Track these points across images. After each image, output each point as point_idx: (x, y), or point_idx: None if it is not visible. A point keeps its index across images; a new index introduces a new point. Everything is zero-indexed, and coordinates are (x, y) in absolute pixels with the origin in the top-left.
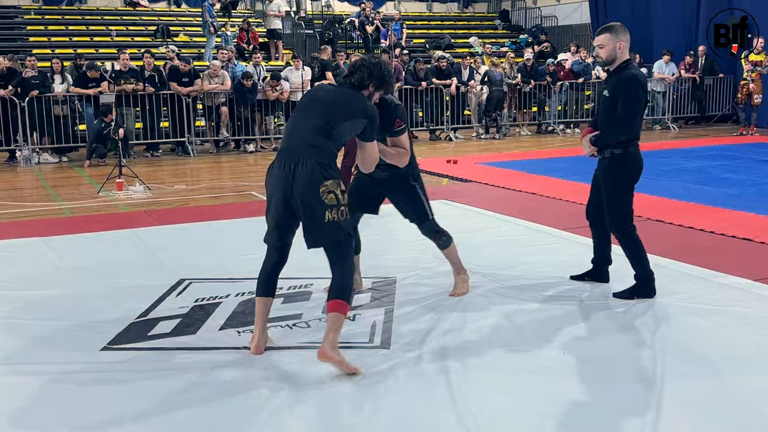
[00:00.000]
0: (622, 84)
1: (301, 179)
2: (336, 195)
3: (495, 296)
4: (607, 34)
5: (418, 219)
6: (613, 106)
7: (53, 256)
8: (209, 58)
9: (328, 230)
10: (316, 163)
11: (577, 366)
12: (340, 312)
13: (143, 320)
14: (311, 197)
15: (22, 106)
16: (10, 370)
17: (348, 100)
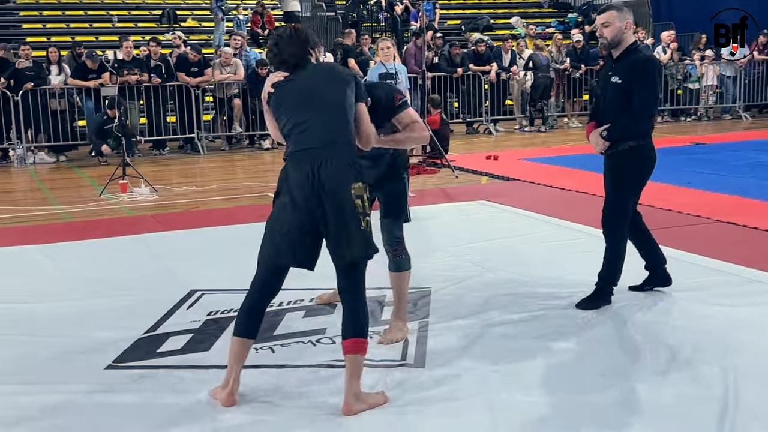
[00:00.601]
0: (639, 68)
1: (331, 181)
2: (363, 201)
3: (542, 311)
4: (613, 12)
5: (395, 216)
6: (626, 93)
7: (51, 266)
8: (220, 45)
9: (362, 240)
10: (345, 163)
11: (623, 394)
12: (360, 353)
13: (151, 336)
14: (341, 199)
15: (16, 100)
16: (2, 390)
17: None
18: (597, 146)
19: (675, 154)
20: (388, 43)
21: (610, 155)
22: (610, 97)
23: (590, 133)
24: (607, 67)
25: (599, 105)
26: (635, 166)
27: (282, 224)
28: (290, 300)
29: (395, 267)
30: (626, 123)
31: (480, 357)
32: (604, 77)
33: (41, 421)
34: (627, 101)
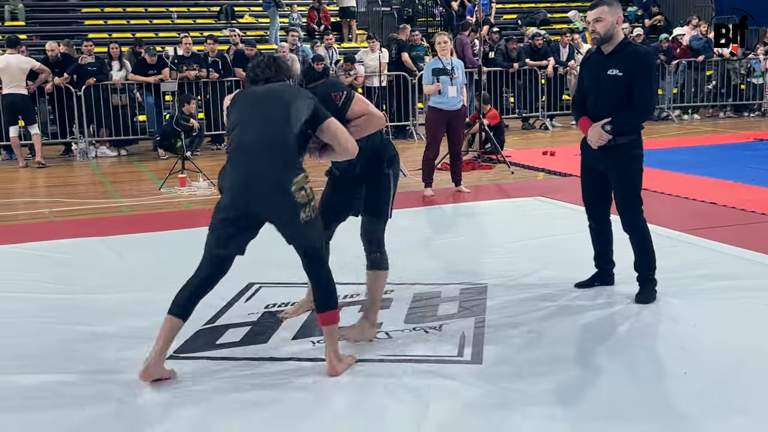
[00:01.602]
0: (641, 62)
1: (265, 178)
2: (306, 191)
3: (599, 310)
4: (605, 7)
5: (372, 213)
6: (625, 86)
7: (112, 258)
8: (275, 40)
9: (306, 229)
10: (279, 160)
11: (698, 392)
12: (331, 323)
13: (211, 327)
14: (284, 198)
15: (79, 95)
16: (66, 379)
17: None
18: (599, 140)
19: (739, 150)
20: (445, 38)
21: (608, 149)
22: (608, 90)
23: (588, 127)
24: (598, 61)
25: (588, 99)
26: (637, 159)
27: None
28: (347, 294)
29: (370, 265)
30: (629, 116)
31: (538, 353)
32: (595, 70)
33: (99, 408)
34: (627, 94)
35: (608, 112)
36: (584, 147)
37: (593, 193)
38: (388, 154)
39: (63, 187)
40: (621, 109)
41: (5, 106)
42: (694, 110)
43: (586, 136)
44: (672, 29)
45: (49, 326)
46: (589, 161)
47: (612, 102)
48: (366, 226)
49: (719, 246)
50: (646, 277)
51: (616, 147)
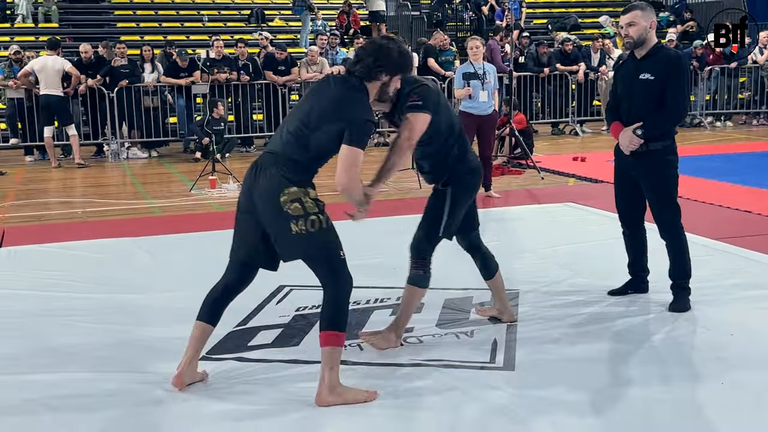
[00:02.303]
0: (673, 65)
1: (263, 189)
2: (302, 203)
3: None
4: (638, 11)
5: (423, 227)
6: (658, 90)
7: (145, 258)
8: (305, 44)
9: (298, 242)
10: (276, 170)
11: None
12: (334, 345)
13: (242, 329)
14: (274, 210)
15: (111, 96)
16: (102, 377)
17: (331, 106)
18: (629, 145)
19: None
20: (477, 43)
21: (641, 155)
22: (641, 94)
23: (619, 132)
24: (631, 66)
25: (621, 105)
26: (672, 165)
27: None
28: (377, 298)
29: (409, 280)
30: (661, 120)
31: (569, 363)
32: (628, 75)
33: (128, 409)
34: (660, 98)
35: (641, 117)
36: (618, 153)
37: (626, 200)
38: (454, 172)
39: (95, 187)
40: (653, 114)
41: (41, 106)
42: (726, 117)
43: (618, 141)
44: (704, 35)
45: (80, 326)
46: (623, 167)
47: (644, 107)
48: (416, 239)
49: (754, 254)
50: (680, 285)
51: (650, 153)
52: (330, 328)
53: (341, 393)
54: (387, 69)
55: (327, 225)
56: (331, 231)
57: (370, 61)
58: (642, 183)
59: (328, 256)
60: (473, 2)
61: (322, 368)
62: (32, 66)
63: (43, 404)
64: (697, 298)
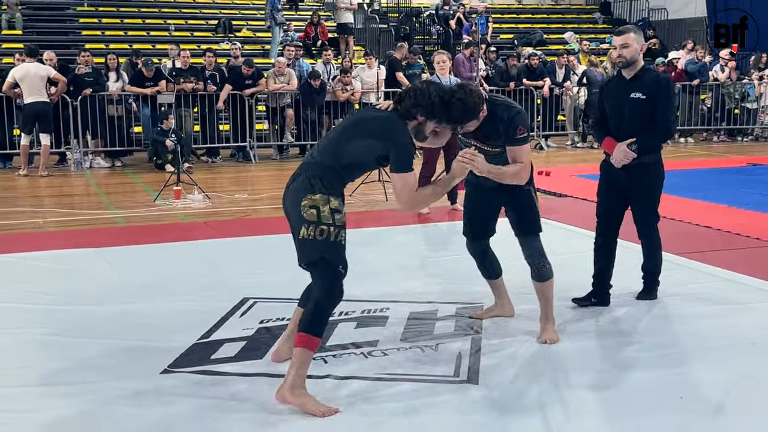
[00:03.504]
0: (663, 86)
1: (292, 191)
2: (318, 211)
3: (595, 330)
4: (632, 34)
5: (525, 233)
6: (649, 109)
7: (107, 269)
8: (274, 55)
9: (303, 247)
10: (306, 176)
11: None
12: (305, 347)
13: (206, 342)
14: (293, 209)
15: (75, 105)
16: (58, 392)
17: (374, 121)
18: (623, 159)
19: (732, 174)
20: (444, 57)
21: (631, 168)
22: (632, 112)
23: (613, 147)
24: (620, 85)
25: (610, 121)
26: (659, 176)
27: None
28: (342, 311)
29: (537, 277)
30: (653, 136)
31: (536, 374)
32: (617, 94)
33: (92, 422)
34: (650, 116)
35: (631, 133)
36: (606, 166)
37: (609, 210)
38: (530, 174)
39: (58, 197)
40: (644, 130)
41: (26, 114)
42: (688, 134)
43: (609, 154)
44: (667, 53)
45: (40, 337)
46: (612, 180)
47: (635, 124)
48: (527, 244)
49: (714, 270)
50: (651, 278)
51: (640, 166)
52: (306, 330)
53: (300, 396)
54: (423, 112)
55: (335, 240)
56: (337, 246)
57: (410, 103)
58: (631, 193)
59: (326, 267)
60: (441, 16)
61: (290, 366)
62: (13, 75)
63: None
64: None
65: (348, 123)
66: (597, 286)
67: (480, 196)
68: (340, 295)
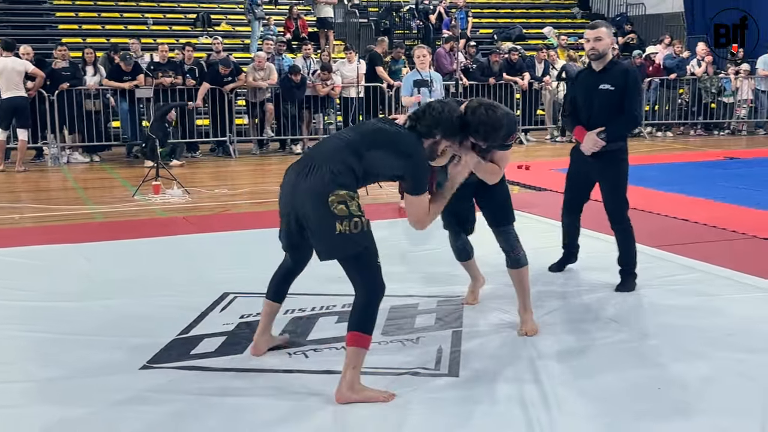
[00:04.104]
0: (631, 76)
1: (310, 186)
2: (347, 206)
3: (573, 320)
4: (604, 29)
5: (499, 223)
6: (617, 99)
7: (85, 265)
8: (254, 50)
9: (340, 242)
10: (328, 171)
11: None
12: (359, 346)
13: (185, 337)
14: (318, 207)
15: (51, 99)
16: (38, 388)
17: (396, 136)
18: (593, 147)
19: (709, 168)
20: (424, 51)
21: (599, 155)
22: (601, 103)
23: (584, 135)
24: (590, 77)
25: (580, 111)
26: (624, 163)
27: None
28: (323, 305)
29: (514, 264)
30: (621, 125)
31: (516, 366)
32: (587, 86)
33: (71, 418)
34: (619, 106)
35: (601, 123)
36: (575, 154)
37: (576, 195)
38: None
39: (35, 192)
40: (613, 120)
41: (4, 109)
42: (666, 128)
43: (579, 143)
44: (645, 47)
45: (19, 334)
46: (580, 167)
47: (604, 114)
48: (503, 236)
49: (691, 262)
50: (627, 271)
51: (608, 153)
52: (357, 329)
53: (360, 391)
54: (441, 131)
55: (368, 229)
56: (370, 236)
57: (430, 122)
58: (599, 180)
59: (367, 260)
60: (421, 11)
61: (345, 367)
62: None
63: None
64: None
65: (367, 130)
66: (566, 253)
67: (461, 190)
68: (384, 288)
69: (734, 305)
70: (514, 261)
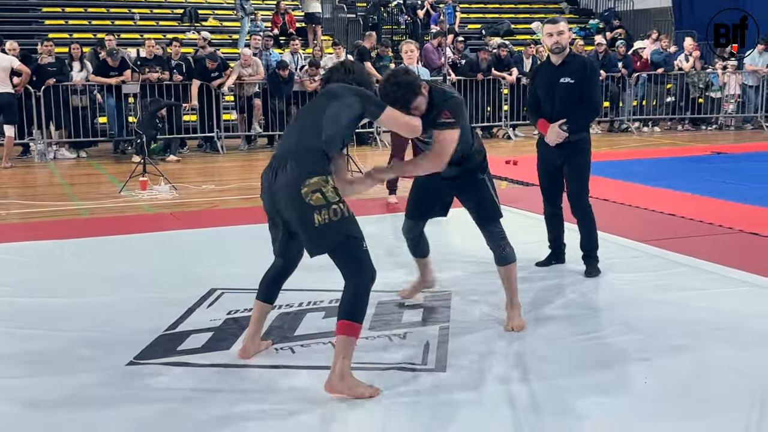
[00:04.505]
0: (590, 68)
1: (282, 185)
2: (323, 193)
3: (563, 315)
4: (563, 22)
5: (486, 220)
6: (578, 91)
7: (71, 261)
8: (242, 45)
9: (322, 234)
10: (293, 164)
11: (659, 395)
12: (349, 335)
13: (172, 333)
14: (295, 202)
15: (38, 95)
16: (23, 384)
17: (333, 88)
18: (556, 138)
19: (696, 163)
20: (411, 46)
21: (563, 145)
22: (563, 96)
23: (547, 127)
24: (549, 71)
25: (543, 104)
26: (588, 153)
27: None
28: (310, 301)
29: (500, 261)
30: (582, 116)
31: (502, 360)
32: (548, 79)
33: (58, 415)
34: (579, 97)
35: (563, 114)
36: (541, 145)
37: (550, 183)
38: (485, 164)
39: (21, 188)
40: (574, 111)
41: None
42: (654, 123)
43: (543, 135)
44: (632, 42)
45: (6, 330)
46: (547, 157)
47: (566, 105)
48: (488, 232)
49: (677, 257)
50: (590, 255)
51: (571, 143)
52: (347, 317)
53: (349, 384)
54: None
55: (348, 214)
56: (352, 221)
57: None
58: (564, 168)
59: (351, 246)
60: (409, 6)
61: (335, 356)
62: None
63: None
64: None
65: (311, 104)
66: (553, 250)
67: (430, 180)
68: (374, 273)
69: (720, 299)
70: (501, 258)
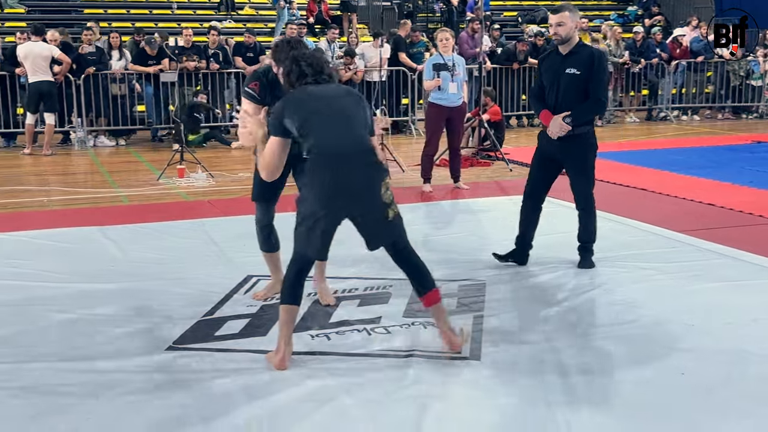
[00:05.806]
0: (597, 60)
1: (362, 181)
2: (390, 192)
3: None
4: (567, 13)
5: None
6: (584, 83)
7: (112, 248)
8: (278, 35)
9: (393, 227)
10: (373, 164)
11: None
12: (437, 302)
13: (210, 319)
14: (375, 203)
15: (78, 84)
16: (68, 367)
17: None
18: (559, 131)
19: (737, 152)
20: (447, 35)
21: (566, 139)
22: (567, 87)
23: (550, 119)
24: (556, 61)
25: (547, 94)
26: (593, 147)
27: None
28: (345, 289)
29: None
30: (586, 109)
31: (536, 349)
32: (554, 69)
33: (98, 400)
34: (584, 90)
35: (567, 106)
36: (542, 137)
37: (541, 179)
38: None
39: (62, 175)
40: (578, 103)
41: (30, 94)
42: (693, 111)
43: (545, 127)
44: (672, 29)
45: (47, 314)
46: (546, 150)
47: (570, 97)
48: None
49: (715, 246)
50: (585, 247)
51: (575, 137)
52: (425, 291)
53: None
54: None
55: None
56: None
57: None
58: (566, 163)
59: (405, 235)
60: None
61: (439, 324)
62: (18, 54)
63: (12, 395)
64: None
65: (347, 102)
66: (518, 248)
67: None
68: None
69: (759, 290)
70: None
